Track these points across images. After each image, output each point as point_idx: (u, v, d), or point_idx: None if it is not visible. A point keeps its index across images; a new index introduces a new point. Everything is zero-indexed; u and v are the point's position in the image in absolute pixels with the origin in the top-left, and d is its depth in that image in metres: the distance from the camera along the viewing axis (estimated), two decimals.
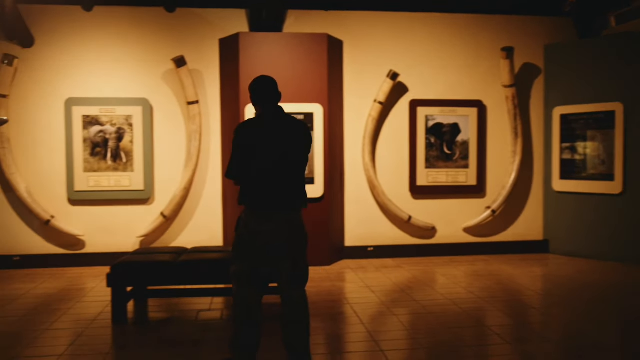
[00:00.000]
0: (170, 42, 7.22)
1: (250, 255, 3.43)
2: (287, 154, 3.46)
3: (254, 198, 3.41)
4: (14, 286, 6.13)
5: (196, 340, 4.29)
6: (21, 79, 7.04)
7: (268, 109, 3.55)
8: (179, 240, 7.25)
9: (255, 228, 3.40)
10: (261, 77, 3.62)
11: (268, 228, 3.40)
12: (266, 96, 3.54)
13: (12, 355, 4.00)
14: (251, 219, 3.42)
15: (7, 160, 6.89)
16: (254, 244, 3.41)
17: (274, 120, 3.52)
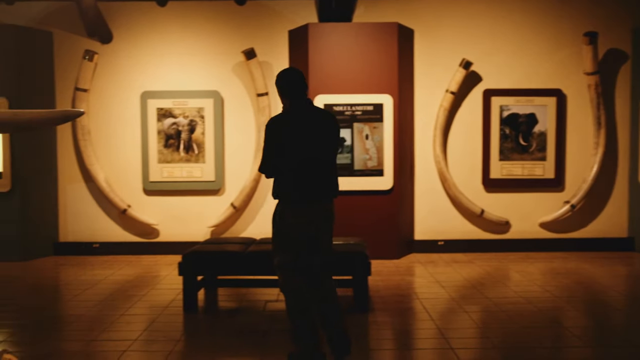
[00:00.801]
0: (240, 34, 7.29)
1: (291, 246, 3.47)
2: (322, 146, 3.50)
3: (292, 190, 3.44)
4: (93, 272, 6.41)
5: (264, 330, 4.30)
6: (100, 74, 7.33)
7: (300, 102, 3.54)
8: (248, 230, 7.34)
9: (292, 219, 3.43)
10: (291, 70, 3.60)
11: (306, 219, 3.44)
12: (298, 90, 3.53)
13: (91, 338, 4.16)
14: (288, 211, 3.45)
15: (87, 152, 7.21)
16: (292, 235, 3.45)
17: (307, 113, 3.53)
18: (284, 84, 3.53)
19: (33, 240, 7.15)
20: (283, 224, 3.47)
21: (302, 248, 3.47)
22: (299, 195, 3.43)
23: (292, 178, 3.43)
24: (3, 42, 6.94)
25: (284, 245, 3.50)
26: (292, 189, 3.43)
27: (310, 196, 3.45)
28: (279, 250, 3.52)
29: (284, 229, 3.47)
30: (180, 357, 3.81)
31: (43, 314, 4.82)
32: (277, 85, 3.56)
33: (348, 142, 6.80)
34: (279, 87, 3.55)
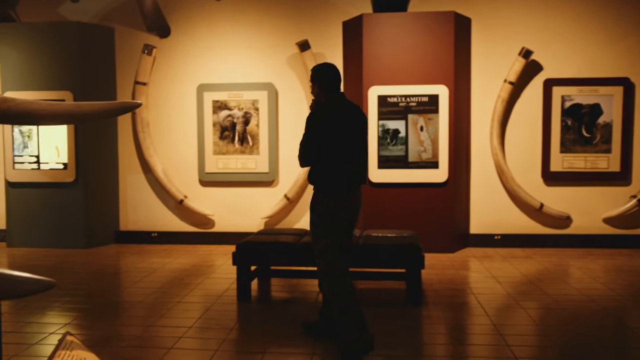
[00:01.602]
0: (294, 26, 7.31)
1: (333, 231, 3.59)
2: (359, 136, 3.71)
3: (336, 178, 3.60)
4: (152, 260, 6.60)
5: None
6: (159, 67, 7.52)
7: (338, 95, 3.70)
8: (301, 222, 7.38)
9: (336, 205, 3.59)
10: (330, 65, 3.75)
11: (349, 204, 3.63)
12: (337, 83, 3.71)
13: (148, 323, 4.29)
14: (329, 198, 3.60)
15: (146, 143, 7.43)
16: (335, 221, 3.59)
17: (344, 105, 3.70)
18: (326, 78, 3.67)
19: (96, 229, 7.44)
20: (325, 211, 3.59)
21: (343, 233, 3.62)
22: (344, 182, 3.62)
23: (336, 166, 3.59)
24: (68, 38, 7.22)
25: (327, 232, 3.59)
26: (337, 176, 3.60)
27: (352, 183, 3.65)
28: (322, 237, 3.61)
29: (326, 216, 3.59)
30: (233, 345, 3.87)
31: (104, 299, 5.01)
32: (318, 79, 3.68)
33: (402, 134, 6.71)
34: (320, 81, 3.67)
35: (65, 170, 7.26)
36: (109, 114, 2.81)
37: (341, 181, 3.61)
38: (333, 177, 3.59)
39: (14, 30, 7.35)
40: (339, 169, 3.59)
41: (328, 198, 3.60)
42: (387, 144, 6.73)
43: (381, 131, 6.73)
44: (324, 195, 3.62)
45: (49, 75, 7.25)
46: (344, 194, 3.61)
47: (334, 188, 3.61)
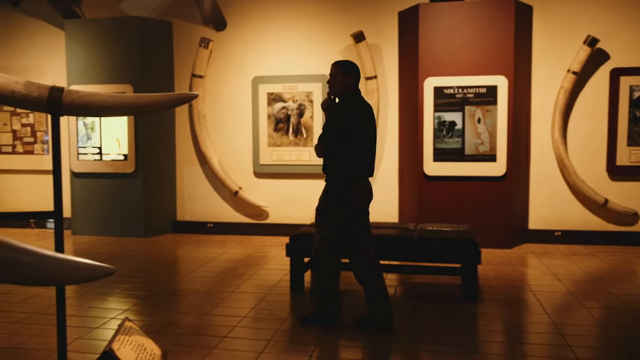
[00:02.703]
0: (349, 18, 7.25)
1: (341, 222, 3.88)
2: (375, 130, 3.96)
3: (357, 170, 3.83)
4: (207, 250, 6.73)
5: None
6: (215, 60, 7.63)
7: (358, 91, 3.93)
8: None
9: (354, 196, 3.84)
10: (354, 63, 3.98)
11: (367, 195, 3.93)
12: (359, 80, 3.94)
13: (204, 312, 4.37)
14: (346, 189, 3.83)
15: (202, 135, 7.56)
16: (350, 211, 3.86)
17: (363, 100, 3.94)
18: (358, 75, 3.91)
19: (154, 219, 7.64)
20: (342, 201, 3.82)
21: (359, 223, 3.93)
22: (364, 174, 3.88)
23: (360, 158, 3.82)
24: (129, 33, 7.42)
25: (335, 220, 3.87)
26: (359, 168, 3.84)
27: (369, 175, 3.93)
28: (329, 224, 3.89)
29: (341, 206, 3.83)
30: (286, 336, 3.89)
31: (162, 287, 5.13)
32: (353, 72, 3.87)
33: (459, 126, 6.56)
34: (355, 75, 3.87)
35: (125, 161, 7.49)
36: (166, 105, 2.86)
37: (362, 173, 3.85)
38: (355, 169, 3.81)
39: (78, 26, 7.61)
40: (362, 161, 3.83)
41: (340, 191, 3.83)
42: (442, 136, 6.60)
43: (437, 123, 6.60)
44: (337, 188, 3.83)
45: (111, 69, 7.48)
46: (362, 185, 3.87)
47: (353, 180, 3.83)
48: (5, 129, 8.38)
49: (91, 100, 2.76)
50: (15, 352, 3.58)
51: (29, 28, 8.19)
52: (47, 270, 1.66)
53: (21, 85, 2.68)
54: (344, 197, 3.83)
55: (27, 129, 8.33)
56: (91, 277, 1.73)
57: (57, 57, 8.05)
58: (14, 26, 8.21)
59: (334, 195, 3.86)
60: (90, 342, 3.78)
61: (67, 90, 2.75)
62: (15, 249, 1.65)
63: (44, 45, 8.15)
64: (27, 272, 1.67)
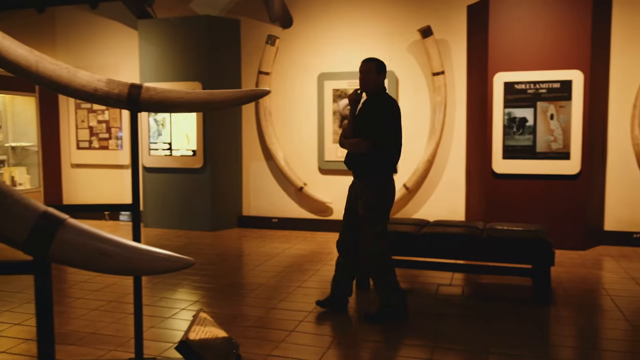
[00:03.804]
0: (416, 13, 7.15)
1: (387, 215, 4.10)
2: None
3: (393, 165, 4.08)
4: (272, 245, 6.82)
5: (438, 314, 4.22)
6: (281, 57, 7.71)
7: (385, 88, 4.13)
8: (420, 212, 7.25)
9: (392, 190, 4.09)
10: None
11: (393, 189, 4.13)
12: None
13: (271, 305, 4.43)
14: (387, 184, 4.04)
15: (268, 131, 7.66)
16: (389, 204, 4.08)
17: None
18: (386, 74, 4.10)
19: (221, 213, 7.81)
20: (386, 196, 4.03)
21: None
22: (395, 169, 4.13)
23: (395, 154, 4.04)
24: (198, 31, 7.61)
25: (384, 215, 4.06)
26: (394, 163, 4.08)
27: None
28: (380, 220, 4.02)
29: (385, 201, 4.04)
30: (352, 332, 3.89)
31: (229, 280, 5.24)
32: (384, 71, 4.05)
33: (530, 123, 6.34)
34: (385, 75, 4.06)
35: (194, 156, 7.69)
36: (240, 101, 2.91)
37: (394, 168, 4.11)
38: (392, 164, 4.06)
39: (151, 26, 7.88)
40: (396, 156, 4.06)
41: (386, 184, 4.02)
42: (513, 133, 6.40)
43: (507, 120, 6.41)
44: (383, 181, 4.01)
45: (181, 66, 7.70)
46: (392, 179, 4.10)
47: (390, 174, 4.06)
48: (83, 125, 8.78)
49: (167, 96, 2.85)
50: (95, 337, 3.75)
51: (105, 29, 8.54)
52: (132, 261, 1.72)
53: (103, 83, 2.80)
54: (390, 190, 4.05)
55: (103, 125, 8.70)
56: (171, 268, 1.77)
57: (130, 56, 8.36)
58: (91, 27, 8.59)
59: (382, 189, 4.01)
60: (163, 330, 3.90)
61: (145, 87, 2.84)
62: (102, 239, 1.72)
63: (118, 44, 8.49)
64: (113, 262, 1.73)
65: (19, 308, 4.38)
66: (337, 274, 4.30)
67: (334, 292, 4.30)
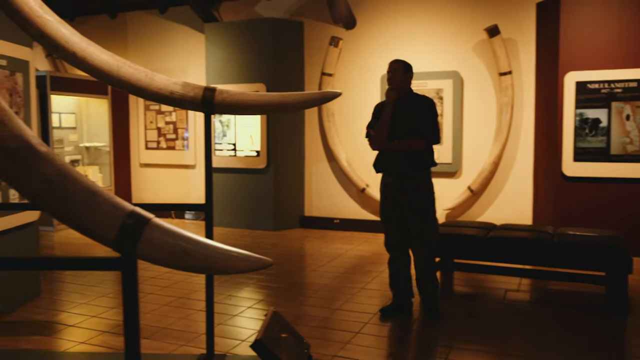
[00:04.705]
0: (482, 11, 7.00)
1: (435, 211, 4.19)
2: None
3: (434, 162, 4.16)
4: (334, 245, 6.84)
5: (506, 320, 4.11)
6: (344, 58, 7.72)
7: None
8: (485, 215, 7.09)
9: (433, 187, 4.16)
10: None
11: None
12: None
13: (335, 306, 4.44)
14: (431, 181, 4.14)
15: (331, 133, 7.69)
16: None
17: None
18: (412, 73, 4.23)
19: (283, 213, 7.91)
20: (433, 192, 4.13)
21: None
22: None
23: (433, 151, 4.15)
24: (263, 33, 7.73)
25: (434, 211, 4.13)
26: (434, 160, 4.19)
27: None
28: (434, 217, 4.13)
29: (433, 197, 4.12)
30: (417, 337, 3.85)
31: (293, 280, 5.30)
32: (411, 71, 4.19)
33: (603, 124, 6.08)
34: (412, 74, 4.21)
35: (258, 157, 7.82)
36: (311, 103, 2.94)
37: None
38: (434, 160, 4.15)
39: (217, 29, 8.07)
40: (433, 153, 4.15)
41: (430, 180, 4.13)
42: (585, 134, 6.16)
43: (579, 121, 6.17)
44: (429, 178, 4.12)
45: (246, 68, 7.84)
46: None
47: (431, 171, 4.16)
48: (152, 126, 9.09)
49: (240, 99, 2.91)
50: (166, 331, 3.88)
51: (173, 33, 8.81)
52: (212, 260, 1.76)
53: (179, 86, 2.88)
54: (431, 188, 4.14)
55: (170, 126, 8.98)
56: (250, 268, 1.81)
57: (197, 58, 8.58)
58: (161, 32, 8.89)
59: (431, 184, 4.12)
60: (231, 328, 3.99)
61: (218, 90, 2.91)
62: (185, 238, 1.77)
63: (186, 48, 8.74)
64: (194, 261, 1.78)
65: (95, 301, 4.58)
66: (395, 278, 4.28)
67: (396, 296, 4.27)
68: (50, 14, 2.66)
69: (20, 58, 4.25)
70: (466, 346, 3.65)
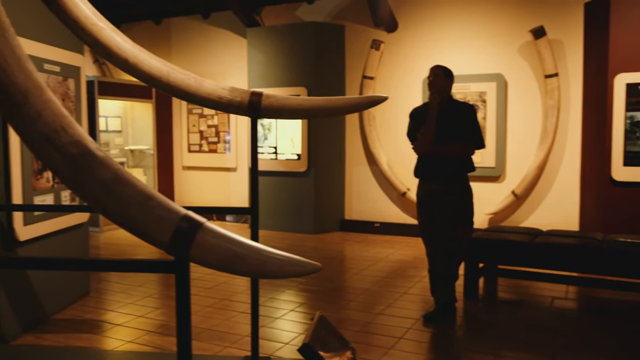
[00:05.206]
0: (528, 12, 6.87)
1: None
2: None
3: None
4: (375, 249, 6.81)
5: (554, 328, 4.01)
6: (385, 62, 7.69)
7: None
8: (529, 220, 6.94)
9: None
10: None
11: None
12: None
13: (377, 311, 4.42)
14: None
15: (372, 136, 7.67)
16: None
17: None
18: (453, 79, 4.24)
19: (324, 216, 7.92)
20: (472, 197, 4.18)
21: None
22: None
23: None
24: (304, 37, 7.77)
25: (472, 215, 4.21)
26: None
27: None
28: (472, 221, 4.20)
29: (472, 202, 4.18)
30: (462, 344, 3.79)
31: (334, 284, 5.29)
32: (451, 76, 4.17)
33: None
34: (452, 79, 4.19)
35: (298, 160, 7.86)
36: (357, 107, 2.94)
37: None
38: (474, 166, 4.20)
39: (258, 34, 8.15)
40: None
41: (470, 185, 4.18)
42: (635, 138, 5.96)
43: (629, 124, 5.98)
44: (469, 182, 4.16)
45: (287, 72, 7.89)
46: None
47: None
48: (194, 129, 9.24)
49: (287, 103, 2.93)
50: (210, 333, 3.93)
51: (216, 38, 8.95)
52: (264, 264, 1.78)
53: (226, 91, 2.92)
54: (471, 193, 4.18)
55: (212, 129, 9.11)
56: (300, 272, 1.81)
57: (239, 63, 8.68)
58: (203, 37, 9.03)
59: (471, 191, 4.17)
60: (274, 330, 4.02)
61: (265, 94, 2.94)
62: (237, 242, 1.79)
63: (228, 52, 8.85)
64: (246, 265, 1.79)
65: (141, 301, 4.68)
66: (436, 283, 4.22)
67: (438, 302, 4.21)
68: (104, 22, 2.74)
69: (73, 64, 4.39)
70: (512, 354, 3.58)
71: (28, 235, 3.81)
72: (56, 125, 1.83)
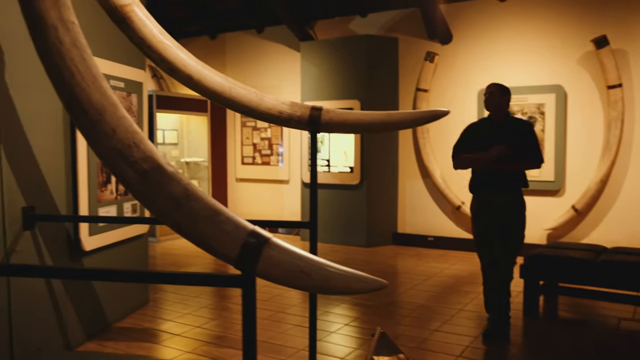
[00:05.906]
0: (589, 21, 6.67)
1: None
2: None
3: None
4: (429, 264, 6.70)
5: (624, 354, 3.84)
6: (439, 74, 7.61)
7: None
8: (590, 236, 6.69)
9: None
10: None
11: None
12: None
13: (434, 327, 4.34)
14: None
15: (425, 149, 7.59)
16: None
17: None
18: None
19: (376, 229, 7.86)
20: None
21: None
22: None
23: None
24: (357, 50, 7.78)
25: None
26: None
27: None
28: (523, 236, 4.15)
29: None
30: None
31: (388, 299, 5.23)
32: (508, 93, 4.12)
33: None
34: (509, 97, 4.13)
35: (351, 173, 7.85)
36: (418, 122, 2.91)
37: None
38: (527, 182, 4.16)
39: (312, 47, 8.22)
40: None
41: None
42: None
43: None
44: (522, 195, 4.11)
45: (340, 85, 7.92)
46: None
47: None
48: (247, 142, 9.38)
49: (347, 118, 2.93)
50: (267, 345, 3.95)
51: (270, 52, 9.08)
52: (329, 281, 1.77)
53: (287, 106, 2.95)
54: (524, 207, 4.14)
55: (265, 142, 9.22)
56: (366, 289, 1.80)
57: (292, 76, 8.77)
58: (257, 51, 9.18)
59: (523, 202, 4.12)
60: (330, 345, 4.00)
61: (325, 109, 2.95)
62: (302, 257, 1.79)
63: (281, 66, 8.96)
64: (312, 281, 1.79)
65: (198, 312, 4.75)
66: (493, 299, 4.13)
67: (493, 318, 4.11)
68: (169, 39, 2.83)
69: (136, 80, 4.54)
70: None
71: (93, 246, 3.94)
72: (129, 141, 1.90)
